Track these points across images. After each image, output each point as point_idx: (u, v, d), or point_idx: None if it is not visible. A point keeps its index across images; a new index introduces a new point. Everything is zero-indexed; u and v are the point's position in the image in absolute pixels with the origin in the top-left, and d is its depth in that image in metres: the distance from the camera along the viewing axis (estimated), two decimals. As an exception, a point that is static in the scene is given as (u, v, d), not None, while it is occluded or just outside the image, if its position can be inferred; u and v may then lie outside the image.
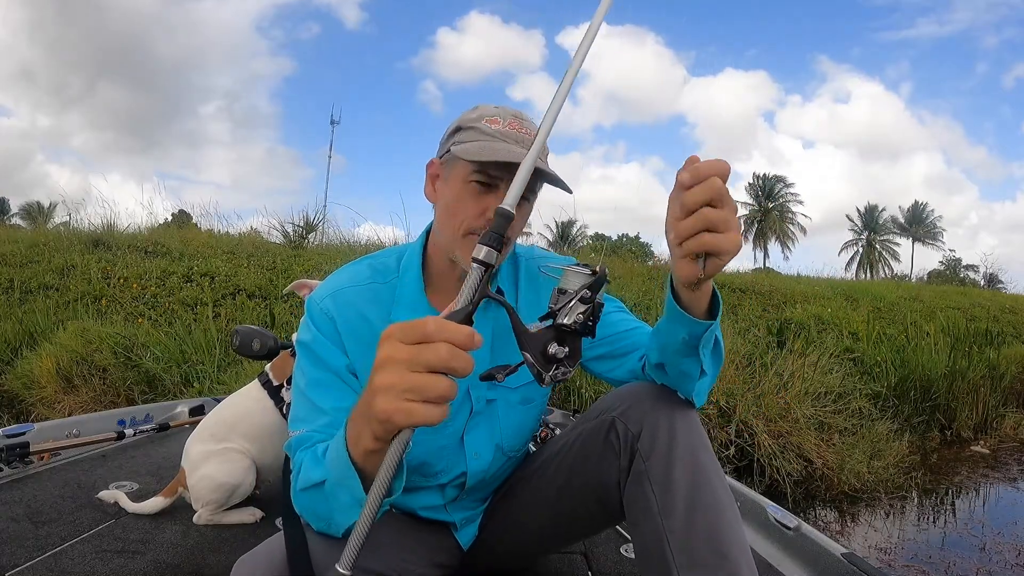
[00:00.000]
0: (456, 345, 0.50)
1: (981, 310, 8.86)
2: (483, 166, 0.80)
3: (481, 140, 0.82)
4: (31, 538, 1.24)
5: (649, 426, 0.77)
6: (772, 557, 1.29)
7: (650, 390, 0.81)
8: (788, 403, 3.51)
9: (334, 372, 0.84)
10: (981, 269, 29.46)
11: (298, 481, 0.74)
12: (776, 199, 45.33)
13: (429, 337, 0.50)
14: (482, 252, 0.54)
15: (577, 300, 0.58)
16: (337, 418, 0.81)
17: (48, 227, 9.24)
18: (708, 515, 0.72)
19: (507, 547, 0.99)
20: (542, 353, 0.57)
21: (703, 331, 0.71)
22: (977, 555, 2.71)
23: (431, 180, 0.90)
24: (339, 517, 0.68)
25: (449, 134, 0.87)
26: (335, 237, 8.68)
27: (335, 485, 0.65)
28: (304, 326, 0.88)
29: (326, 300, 0.87)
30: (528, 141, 0.82)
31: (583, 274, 0.60)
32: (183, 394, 3.77)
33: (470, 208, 0.82)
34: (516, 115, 0.85)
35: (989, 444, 4.67)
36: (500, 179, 0.81)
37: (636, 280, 7.00)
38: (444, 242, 0.86)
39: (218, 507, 1.37)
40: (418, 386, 0.50)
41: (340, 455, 0.62)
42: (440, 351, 0.50)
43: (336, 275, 0.92)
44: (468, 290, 0.54)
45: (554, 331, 0.58)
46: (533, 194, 0.86)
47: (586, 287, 0.59)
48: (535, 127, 0.85)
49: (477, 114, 0.85)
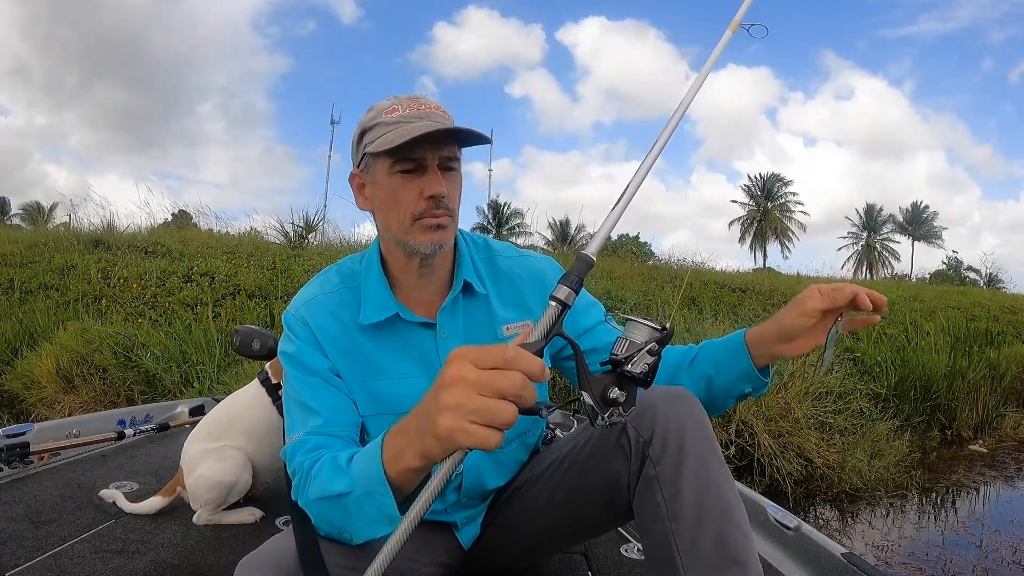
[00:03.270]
0: (530, 376, 0.51)
1: (981, 310, 8.86)
2: (400, 151, 0.81)
3: (390, 130, 0.82)
4: (31, 538, 1.24)
5: (660, 431, 0.77)
6: (772, 557, 1.29)
7: (662, 394, 0.81)
8: (788, 403, 3.52)
9: (320, 375, 0.85)
10: (981, 270, 29.50)
11: (310, 489, 0.74)
12: (776, 199, 45.33)
13: (508, 364, 0.51)
14: (563, 293, 0.57)
15: (646, 352, 0.61)
16: (331, 418, 0.82)
17: (48, 227, 9.25)
18: (717, 520, 0.72)
19: (511, 547, 0.99)
20: (602, 395, 0.59)
21: (759, 386, 0.88)
22: (974, 553, 2.72)
23: (358, 191, 0.91)
24: (361, 529, 0.69)
25: (356, 142, 0.88)
26: (335, 237, 8.70)
27: (362, 498, 0.66)
28: (285, 339, 0.90)
29: (300, 309, 0.89)
30: (432, 114, 0.83)
31: (652, 327, 0.63)
32: (183, 394, 3.78)
33: (407, 196, 0.83)
34: (411, 97, 0.86)
35: (987, 443, 4.68)
36: (423, 157, 0.82)
37: (636, 280, 7.01)
38: (395, 237, 0.86)
39: (216, 506, 1.37)
40: (486, 409, 0.51)
41: (373, 469, 0.63)
42: (516, 379, 0.51)
43: (306, 287, 0.94)
44: (544, 325, 0.56)
45: (616, 376, 0.60)
46: (459, 162, 0.87)
47: (655, 340, 0.61)
48: (433, 101, 0.86)
49: (374, 112, 0.86)
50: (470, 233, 1.00)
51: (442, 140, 0.82)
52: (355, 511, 0.67)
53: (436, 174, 0.83)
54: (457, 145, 0.86)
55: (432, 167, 0.83)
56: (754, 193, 46.20)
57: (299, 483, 0.77)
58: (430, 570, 0.92)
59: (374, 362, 0.88)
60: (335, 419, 0.82)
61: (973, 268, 35.83)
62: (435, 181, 0.82)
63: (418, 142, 0.79)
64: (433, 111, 0.85)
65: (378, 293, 0.89)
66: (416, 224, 0.84)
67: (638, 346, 0.61)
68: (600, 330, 0.97)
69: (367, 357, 0.88)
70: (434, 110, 0.85)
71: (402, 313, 0.89)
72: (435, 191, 0.82)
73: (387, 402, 0.86)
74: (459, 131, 0.83)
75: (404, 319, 0.89)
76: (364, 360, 0.88)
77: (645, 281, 7.06)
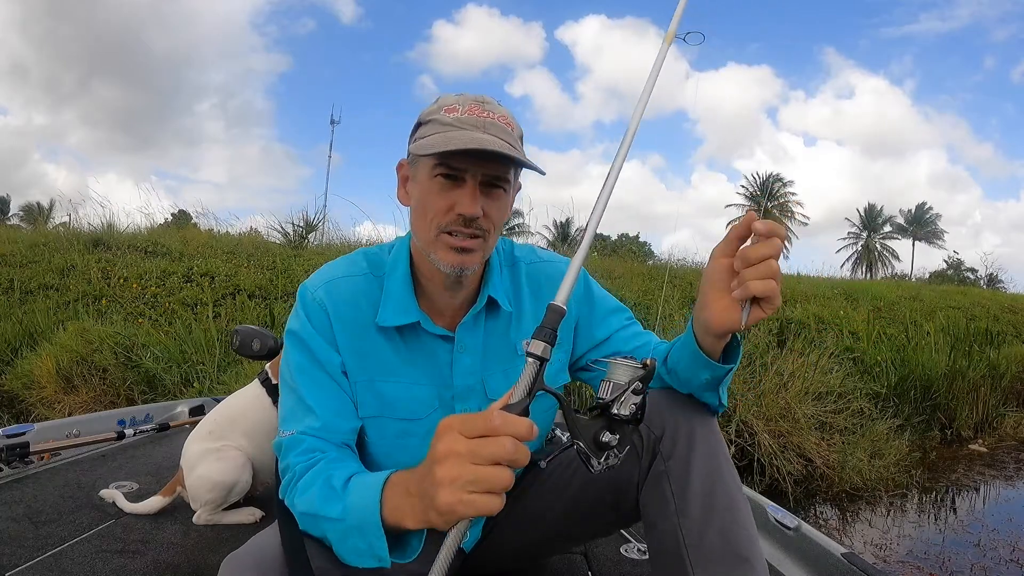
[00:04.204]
0: (519, 439, 0.52)
1: (981, 310, 8.85)
2: (444, 157, 0.75)
3: (440, 132, 0.77)
4: (31, 538, 1.24)
5: (671, 429, 0.78)
6: (772, 557, 1.29)
7: (670, 396, 0.81)
8: (788, 403, 3.51)
9: (325, 370, 0.81)
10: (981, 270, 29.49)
11: (299, 500, 0.73)
12: (775, 199, 45.28)
13: (495, 431, 0.52)
14: (539, 348, 0.57)
15: (630, 392, 0.61)
16: (330, 422, 0.79)
17: (48, 227, 9.25)
18: (724, 516, 0.73)
19: (513, 548, 0.98)
20: (594, 440, 0.60)
21: (725, 374, 0.75)
22: (972, 551, 2.73)
23: (402, 183, 0.86)
24: (346, 556, 0.68)
25: (412, 131, 0.83)
26: (335, 237, 8.69)
27: (352, 530, 0.65)
28: (295, 315, 0.84)
29: (320, 290, 0.84)
30: (491, 124, 0.77)
31: (633, 367, 0.63)
32: (183, 394, 3.77)
33: (438, 204, 0.77)
34: (478, 100, 0.80)
35: (987, 443, 4.68)
36: (464, 170, 0.76)
37: (636, 280, 7.01)
38: (421, 245, 0.83)
39: (216, 507, 1.37)
40: (482, 478, 0.52)
41: (370, 512, 0.63)
42: (506, 445, 0.52)
43: (331, 265, 0.88)
44: (524, 383, 0.56)
45: (606, 420, 0.60)
46: (507, 183, 0.80)
47: (638, 379, 0.62)
48: (500, 109, 0.81)
49: (437, 105, 0.81)
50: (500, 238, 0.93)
51: (487, 157, 0.75)
52: (343, 539, 0.67)
53: (473, 192, 0.77)
54: (510, 163, 0.79)
55: (470, 183, 0.77)
56: (753, 193, 46.16)
57: (288, 483, 0.76)
58: (428, 568, 0.91)
59: (385, 362, 0.84)
60: (334, 424, 0.79)
61: (973, 268, 35.81)
62: (469, 199, 0.76)
63: (460, 154, 0.74)
64: (494, 121, 0.78)
65: (401, 295, 0.84)
66: (440, 238, 0.78)
67: (622, 387, 0.61)
68: (618, 337, 0.93)
69: (379, 356, 0.84)
70: (495, 120, 0.78)
71: (423, 322, 0.85)
72: (466, 210, 0.76)
73: (391, 405, 0.84)
74: (516, 160, 0.76)
75: (423, 328, 0.85)
76: (375, 359, 0.84)
77: (645, 281, 7.05)
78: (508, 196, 0.82)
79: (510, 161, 0.77)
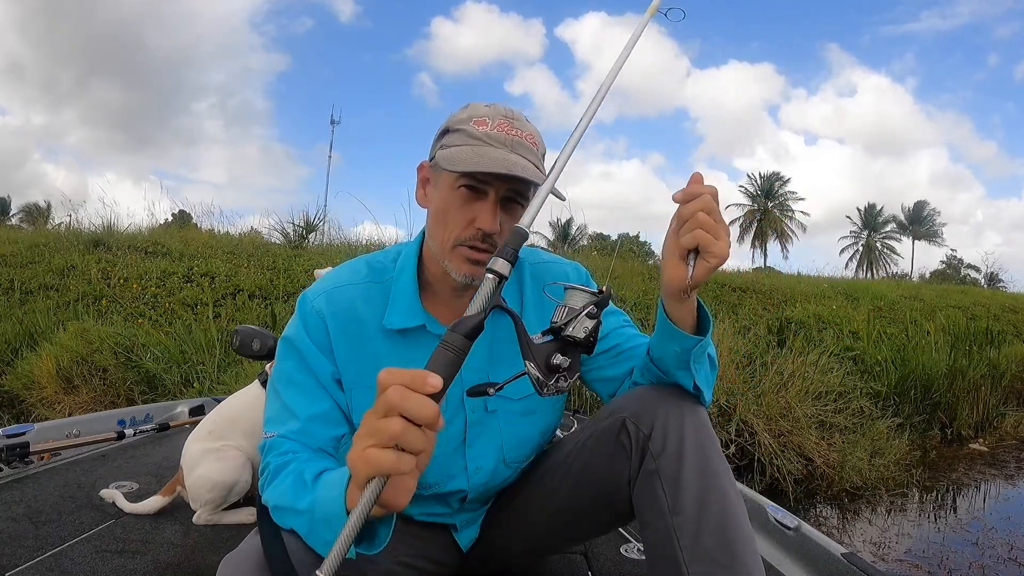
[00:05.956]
0: (410, 385, 0.53)
1: (982, 309, 8.85)
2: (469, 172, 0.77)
3: (468, 145, 0.78)
4: (31, 538, 1.24)
5: (660, 426, 0.77)
6: (772, 557, 1.29)
7: (660, 391, 0.81)
8: (788, 402, 3.51)
9: (315, 377, 0.82)
10: (982, 269, 29.48)
11: (269, 493, 0.73)
12: (775, 198, 45.28)
13: (383, 381, 0.53)
14: (498, 264, 0.58)
15: (584, 315, 0.62)
16: (309, 428, 0.79)
17: (48, 228, 9.25)
18: (718, 513, 0.72)
19: (510, 549, 0.98)
20: (545, 363, 0.60)
21: (694, 345, 0.75)
22: (971, 550, 2.73)
23: (422, 184, 0.87)
24: (316, 547, 0.68)
25: (438, 136, 0.84)
26: (336, 237, 8.70)
27: (319, 522, 0.65)
28: (292, 323, 0.85)
29: (320, 299, 0.84)
30: (519, 143, 0.80)
31: (588, 292, 0.64)
32: (183, 394, 3.77)
33: (459, 217, 0.79)
34: (507, 115, 0.82)
35: (988, 442, 4.68)
36: (488, 184, 0.78)
37: (636, 280, 7.01)
38: (435, 251, 0.84)
39: (215, 507, 1.37)
40: (379, 430, 0.53)
41: (335, 503, 0.62)
42: (394, 427, 0.52)
43: (333, 274, 0.90)
44: (480, 299, 0.57)
45: (558, 343, 0.61)
46: (526, 199, 0.82)
47: (593, 303, 0.62)
48: (528, 127, 0.82)
49: (467, 114, 0.82)
50: None
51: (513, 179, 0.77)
52: (311, 531, 0.67)
53: (493, 208, 0.79)
54: (532, 188, 0.80)
55: (492, 197, 0.79)
56: (753, 193, 46.16)
57: (265, 481, 0.76)
58: (427, 565, 0.91)
59: (388, 366, 0.84)
60: (312, 430, 0.79)
61: (974, 266, 35.81)
62: (490, 216, 0.78)
63: (488, 173, 0.76)
64: (522, 140, 0.80)
65: (408, 298, 0.85)
66: (457, 250, 0.80)
67: (576, 311, 0.62)
68: (616, 335, 0.92)
69: (382, 361, 0.82)
70: (523, 139, 0.80)
71: (428, 324, 0.85)
72: (485, 226, 0.78)
73: None
74: (530, 179, 0.77)
75: (429, 330, 0.85)
76: (378, 364, 0.83)
77: (645, 281, 7.05)
78: (524, 210, 0.84)
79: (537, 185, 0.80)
